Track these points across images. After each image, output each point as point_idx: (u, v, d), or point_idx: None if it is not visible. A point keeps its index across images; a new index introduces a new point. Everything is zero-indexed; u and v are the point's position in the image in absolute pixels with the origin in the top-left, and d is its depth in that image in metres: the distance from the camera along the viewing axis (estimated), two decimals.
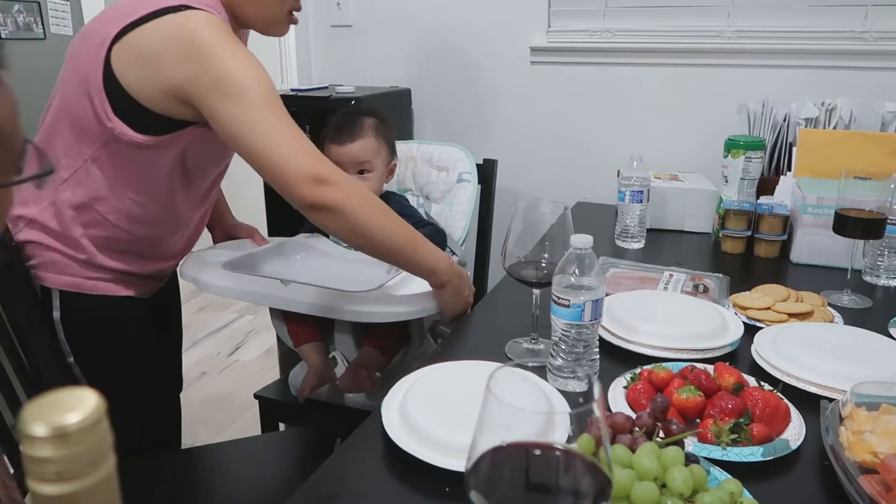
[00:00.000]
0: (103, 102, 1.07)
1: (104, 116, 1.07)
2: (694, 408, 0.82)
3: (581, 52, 2.12)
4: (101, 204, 1.14)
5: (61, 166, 1.12)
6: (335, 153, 1.48)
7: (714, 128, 1.92)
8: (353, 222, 1.08)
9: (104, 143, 1.10)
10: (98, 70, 1.06)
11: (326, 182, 1.04)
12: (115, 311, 1.21)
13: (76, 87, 1.09)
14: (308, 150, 1.06)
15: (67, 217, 1.14)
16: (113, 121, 1.07)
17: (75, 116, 1.10)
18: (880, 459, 0.68)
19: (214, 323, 3.02)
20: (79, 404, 0.26)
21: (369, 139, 1.49)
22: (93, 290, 1.18)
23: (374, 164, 1.50)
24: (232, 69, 1.03)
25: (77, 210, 1.14)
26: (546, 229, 1.01)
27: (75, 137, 1.11)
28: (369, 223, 1.09)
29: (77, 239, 1.15)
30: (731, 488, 0.64)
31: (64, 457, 0.25)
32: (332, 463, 0.79)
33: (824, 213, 1.39)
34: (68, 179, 1.13)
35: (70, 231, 1.15)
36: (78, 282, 1.17)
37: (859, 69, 1.88)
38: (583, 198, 2.04)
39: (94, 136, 1.09)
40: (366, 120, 1.51)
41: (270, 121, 1.04)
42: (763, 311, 1.13)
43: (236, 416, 2.34)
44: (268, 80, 1.06)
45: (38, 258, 1.16)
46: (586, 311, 0.87)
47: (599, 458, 0.46)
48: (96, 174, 1.12)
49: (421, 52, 2.30)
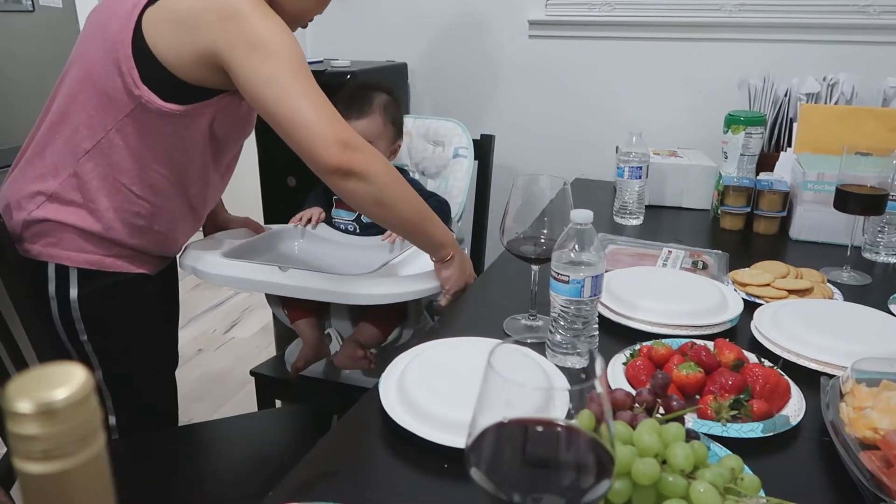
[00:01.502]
0: (131, 69, 1.05)
1: (132, 84, 1.06)
2: (694, 384, 0.82)
3: (580, 26, 2.09)
4: (125, 175, 1.12)
5: (82, 137, 1.10)
6: None
7: (714, 103, 1.90)
8: (379, 190, 1.07)
9: (129, 113, 1.08)
10: (128, 36, 1.05)
11: (354, 148, 1.05)
12: (131, 288, 1.20)
13: (102, 55, 1.07)
14: (336, 117, 1.06)
15: (93, 188, 1.12)
16: (140, 88, 1.06)
17: (100, 85, 1.08)
18: (881, 435, 0.68)
19: (210, 300, 3.02)
20: (66, 380, 0.25)
21: (376, 118, 1.48)
22: (111, 268, 1.17)
23: (376, 144, 1.48)
24: (266, 31, 1.03)
25: (102, 180, 1.12)
26: (545, 205, 0.99)
27: (98, 107, 1.09)
28: (394, 192, 1.09)
29: (102, 211, 1.13)
30: (732, 464, 0.63)
31: (50, 434, 0.24)
32: (329, 440, 0.79)
33: (825, 189, 1.38)
34: (91, 150, 1.10)
35: (95, 202, 1.13)
36: (97, 259, 1.15)
37: (862, 44, 1.86)
38: (581, 174, 2.02)
39: (119, 105, 1.08)
40: (376, 97, 1.49)
41: (301, 84, 1.04)
42: (762, 288, 1.13)
43: (232, 393, 2.34)
44: (299, 49, 1.07)
45: (55, 236, 1.14)
46: (586, 288, 0.86)
47: (601, 434, 0.45)
48: (119, 144, 1.10)
49: (417, 25, 2.26)
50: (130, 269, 1.19)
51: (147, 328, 1.25)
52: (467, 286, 1.23)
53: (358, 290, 1.23)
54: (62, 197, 1.13)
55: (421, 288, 1.24)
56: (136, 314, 1.23)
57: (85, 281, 1.15)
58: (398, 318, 1.47)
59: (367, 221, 1.53)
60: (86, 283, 1.15)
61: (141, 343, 1.24)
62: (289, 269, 1.27)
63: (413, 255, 1.36)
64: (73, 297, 1.14)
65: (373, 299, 1.24)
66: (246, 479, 1.20)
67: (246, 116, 1.21)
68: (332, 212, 1.58)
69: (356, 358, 1.40)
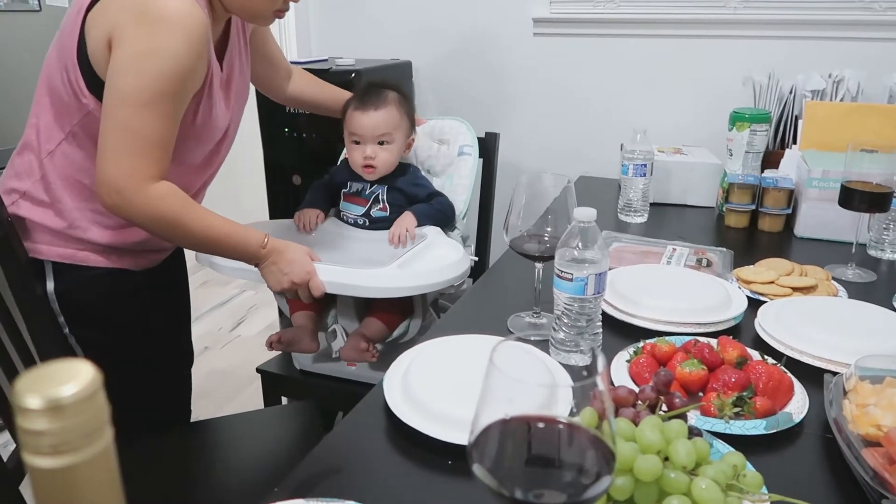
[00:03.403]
0: (78, 78, 1.04)
1: (80, 92, 1.05)
2: (697, 381, 0.82)
3: (584, 24, 2.09)
4: (85, 175, 1.13)
5: (45, 138, 1.11)
6: (358, 121, 1.47)
7: (719, 100, 1.90)
8: (149, 228, 1.09)
9: (80, 120, 1.08)
10: (74, 41, 1.03)
11: (123, 197, 1.03)
12: (108, 282, 1.21)
13: (56, 59, 1.07)
14: (138, 156, 1.02)
15: (58, 188, 1.14)
16: (87, 97, 1.05)
17: (56, 91, 1.08)
18: (884, 432, 0.68)
19: (216, 298, 3.03)
20: (74, 376, 0.26)
21: (392, 111, 1.48)
22: (84, 262, 1.18)
23: (394, 136, 1.49)
24: (159, 45, 0.99)
25: (65, 180, 1.14)
26: (549, 203, 1.00)
27: (55, 112, 1.10)
28: (167, 229, 1.09)
29: (68, 210, 1.15)
30: (734, 461, 0.63)
31: (59, 429, 0.25)
32: (334, 436, 0.79)
33: (830, 186, 1.37)
34: (53, 151, 1.12)
35: (61, 202, 1.14)
36: (69, 253, 1.17)
37: (867, 40, 1.85)
38: (585, 172, 2.02)
39: (72, 110, 1.08)
40: (389, 93, 1.51)
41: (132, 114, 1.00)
42: (767, 285, 1.13)
43: (239, 390, 2.35)
44: (186, 72, 1.02)
45: (31, 230, 1.16)
46: (589, 285, 0.86)
47: (603, 432, 0.45)
48: (76, 146, 1.11)
49: (422, 23, 2.27)
50: (107, 263, 1.20)
51: (130, 323, 1.25)
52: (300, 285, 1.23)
53: (371, 284, 1.24)
54: (33, 196, 1.15)
55: (433, 282, 1.25)
56: (117, 308, 1.23)
57: (60, 274, 1.16)
58: (404, 312, 1.48)
59: (376, 216, 1.54)
60: (61, 276, 1.17)
61: (125, 338, 1.24)
62: None
63: (425, 248, 1.37)
64: (50, 291, 1.16)
65: (386, 292, 1.26)
66: (252, 475, 1.21)
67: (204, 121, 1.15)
68: (341, 205, 1.59)
69: (360, 350, 1.41)
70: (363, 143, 1.48)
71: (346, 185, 1.57)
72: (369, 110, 1.47)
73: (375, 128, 1.47)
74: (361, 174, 1.52)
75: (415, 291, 1.31)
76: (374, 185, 1.54)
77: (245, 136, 1.97)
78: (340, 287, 1.27)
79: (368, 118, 1.47)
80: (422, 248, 1.37)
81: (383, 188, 1.53)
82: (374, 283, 1.25)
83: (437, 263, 1.31)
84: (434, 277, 1.28)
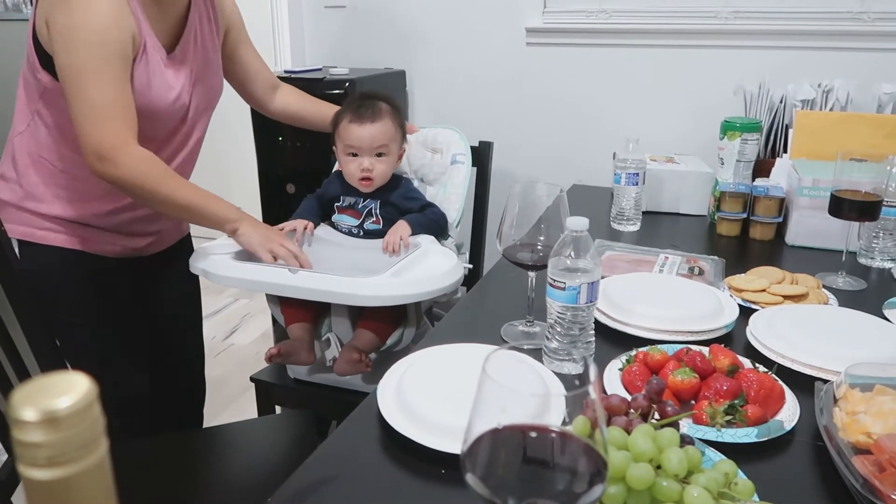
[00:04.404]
0: (32, 54, 1.14)
1: (37, 68, 1.15)
2: (689, 390, 0.83)
3: (577, 34, 2.11)
4: (46, 151, 1.21)
5: (18, 120, 1.22)
6: (356, 133, 1.48)
7: (710, 110, 1.91)
8: (136, 195, 1.18)
9: (41, 95, 1.17)
10: (32, 19, 1.13)
11: (107, 160, 1.11)
12: (76, 265, 1.25)
13: (27, 42, 1.16)
14: (102, 121, 1.10)
15: (23, 165, 1.22)
16: (41, 73, 1.15)
17: (25, 72, 1.19)
18: (874, 440, 0.69)
19: (210, 307, 3.02)
20: (70, 388, 0.26)
21: (388, 123, 1.49)
22: (44, 241, 1.23)
23: (390, 147, 1.50)
24: (79, 21, 1.07)
25: (30, 157, 1.22)
26: (542, 212, 1.00)
27: (26, 94, 1.20)
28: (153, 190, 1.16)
29: (33, 185, 1.22)
30: (726, 469, 0.64)
31: (54, 441, 0.25)
32: (327, 445, 0.79)
33: (820, 195, 1.38)
34: (23, 132, 1.22)
35: (26, 177, 1.22)
36: (29, 231, 1.23)
37: (856, 50, 1.87)
38: (578, 180, 2.03)
39: (34, 88, 1.18)
40: (382, 104, 1.52)
41: (88, 83, 1.09)
42: (758, 294, 1.13)
43: (233, 399, 2.34)
44: (110, 39, 1.10)
45: (2, 208, 1.23)
46: (582, 294, 0.87)
47: (595, 440, 0.46)
48: (41, 124, 1.20)
49: (415, 33, 2.28)
50: (71, 244, 1.24)
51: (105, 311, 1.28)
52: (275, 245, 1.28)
53: (365, 292, 1.24)
54: (4, 175, 1.24)
55: (427, 290, 1.26)
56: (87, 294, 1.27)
57: (27, 254, 1.22)
58: (397, 321, 1.48)
59: (370, 228, 1.54)
60: (28, 255, 1.22)
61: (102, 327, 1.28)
62: (298, 271, 1.28)
63: (418, 257, 1.37)
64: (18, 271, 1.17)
65: (380, 301, 1.26)
66: (246, 484, 1.21)
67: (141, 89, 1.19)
68: (334, 217, 1.59)
69: (353, 362, 1.41)
70: (361, 155, 1.48)
71: (340, 199, 1.57)
72: (366, 123, 1.48)
73: (373, 140, 1.47)
74: (357, 186, 1.52)
75: (409, 300, 1.31)
76: (368, 199, 1.54)
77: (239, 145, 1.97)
78: (334, 295, 1.27)
79: (366, 130, 1.47)
80: (416, 257, 1.37)
81: (376, 202, 1.54)
82: (368, 291, 1.25)
83: (431, 272, 1.31)
84: (428, 286, 1.28)
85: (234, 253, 1.36)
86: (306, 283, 1.27)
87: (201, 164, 1.44)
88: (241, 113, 1.85)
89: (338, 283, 1.26)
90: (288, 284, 1.28)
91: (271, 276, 1.29)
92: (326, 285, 1.26)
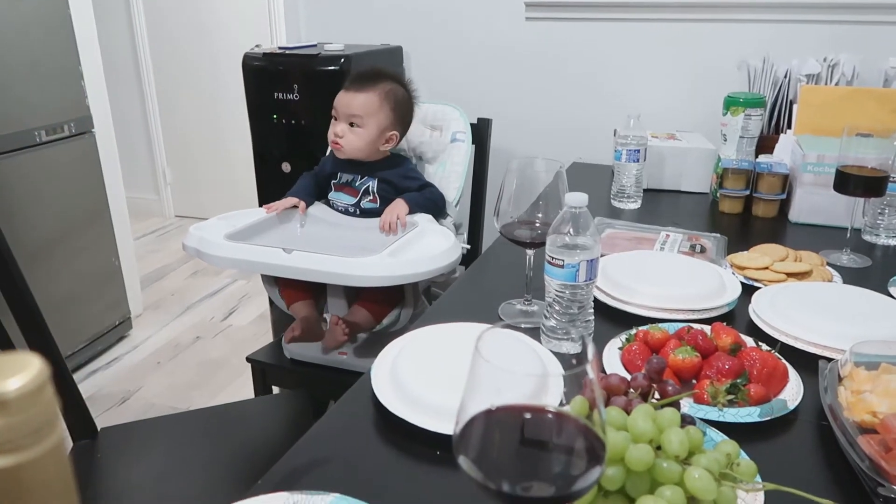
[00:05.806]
0: None
1: None
2: (690, 369, 0.81)
3: (577, 8, 2.06)
4: None
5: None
6: (339, 97, 1.48)
7: (713, 85, 1.88)
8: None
9: None
10: None
11: None
12: None
13: None
14: None
15: None
16: None
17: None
18: (880, 419, 0.67)
19: (207, 288, 3.00)
20: (19, 369, 0.24)
21: (372, 97, 1.46)
22: None
23: (365, 121, 1.47)
24: None
25: None
26: (541, 189, 0.98)
27: None
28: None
29: None
30: (728, 449, 0.62)
31: (3, 427, 0.23)
32: (322, 426, 0.78)
33: (825, 171, 1.36)
34: None
35: None
36: None
37: (863, 24, 1.83)
38: (579, 157, 2.00)
39: None
40: (383, 81, 1.49)
41: None
42: (761, 271, 1.11)
43: (230, 380, 2.33)
44: None
45: None
46: (581, 272, 0.85)
47: (593, 421, 0.44)
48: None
49: (413, 8, 2.23)
50: None
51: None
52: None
53: (361, 272, 1.23)
54: None
55: (424, 270, 1.24)
56: None
57: None
58: (394, 301, 1.46)
59: (366, 207, 1.52)
60: None
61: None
62: (293, 251, 1.26)
63: (416, 236, 1.35)
64: None
65: (377, 281, 1.25)
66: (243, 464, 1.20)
67: None
68: (331, 195, 1.57)
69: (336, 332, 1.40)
70: (339, 119, 1.48)
71: (337, 176, 1.55)
72: (351, 89, 1.47)
73: (348, 107, 1.47)
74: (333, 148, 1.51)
75: (406, 280, 1.29)
76: (365, 177, 1.52)
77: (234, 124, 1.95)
78: (329, 276, 1.25)
79: (346, 96, 1.47)
80: (413, 236, 1.35)
81: (374, 180, 1.51)
82: (365, 271, 1.23)
83: (429, 251, 1.30)
84: (425, 266, 1.26)
85: (227, 233, 1.34)
86: (301, 263, 1.25)
87: (199, 145, 1.42)
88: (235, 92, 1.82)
89: (333, 263, 1.24)
90: (282, 265, 1.26)
91: (265, 256, 1.27)
92: (321, 265, 1.24)
